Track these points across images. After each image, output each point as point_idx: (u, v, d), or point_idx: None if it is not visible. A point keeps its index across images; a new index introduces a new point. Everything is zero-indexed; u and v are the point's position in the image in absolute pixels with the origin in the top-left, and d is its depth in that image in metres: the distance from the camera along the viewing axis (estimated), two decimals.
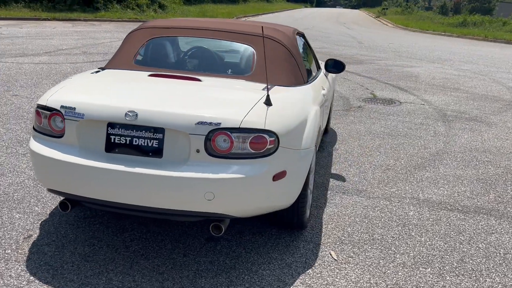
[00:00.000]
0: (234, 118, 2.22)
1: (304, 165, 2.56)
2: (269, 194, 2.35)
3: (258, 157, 2.26)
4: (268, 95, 2.41)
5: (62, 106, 2.34)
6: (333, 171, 4.07)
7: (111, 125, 2.26)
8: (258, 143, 2.25)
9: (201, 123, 2.20)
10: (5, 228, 2.75)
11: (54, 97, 2.41)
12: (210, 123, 2.20)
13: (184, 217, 2.36)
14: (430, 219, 3.25)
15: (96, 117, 2.27)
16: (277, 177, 2.35)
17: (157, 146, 2.24)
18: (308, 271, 2.52)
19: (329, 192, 3.61)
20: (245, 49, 3.07)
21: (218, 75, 2.84)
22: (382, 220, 3.20)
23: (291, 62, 3.05)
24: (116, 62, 3.01)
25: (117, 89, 2.64)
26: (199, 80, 2.70)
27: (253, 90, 2.61)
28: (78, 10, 20.40)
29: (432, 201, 3.57)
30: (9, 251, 2.52)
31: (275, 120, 2.33)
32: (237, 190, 2.21)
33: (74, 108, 2.31)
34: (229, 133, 2.20)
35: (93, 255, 2.54)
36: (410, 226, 3.13)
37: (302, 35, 3.80)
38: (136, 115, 2.21)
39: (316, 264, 2.60)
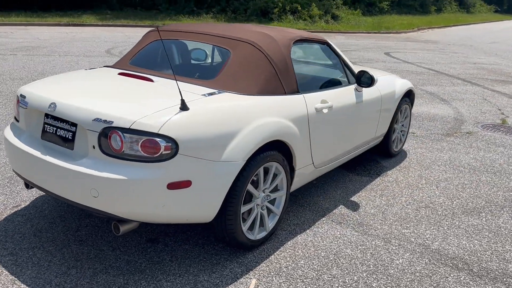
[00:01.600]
0: (126, 118, 2.21)
1: (222, 179, 2.36)
2: (165, 202, 2.25)
3: (150, 161, 2.20)
4: (182, 100, 2.31)
5: (20, 94, 2.68)
6: (354, 198, 3.58)
7: (46, 114, 2.50)
8: (151, 147, 2.19)
9: (96, 119, 2.25)
10: None
11: (23, 86, 2.77)
12: (104, 121, 2.23)
13: (88, 210, 2.42)
14: (418, 273, 2.61)
15: (35, 106, 2.53)
16: (175, 186, 2.24)
17: (70, 138, 2.38)
18: None
19: (322, 218, 3.21)
20: (223, 53, 2.98)
21: (183, 78, 2.82)
22: (352, 261, 2.70)
23: (265, 70, 2.83)
24: (119, 61, 3.25)
25: (70, 84, 2.83)
26: (151, 80, 2.74)
27: (188, 94, 2.52)
28: (254, 20, 22.10)
29: (444, 253, 2.84)
30: None
31: (178, 126, 2.22)
32: (120, 192, 2.19)
33: (25, 97, 2.62)
34: (120, 132, 2.20)
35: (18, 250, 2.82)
36: (380, 276, 2.57)
37: (303, 41, 3.32)
38: (55, 107, 2.40)
39: None
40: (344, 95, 3.42)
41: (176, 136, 2.20)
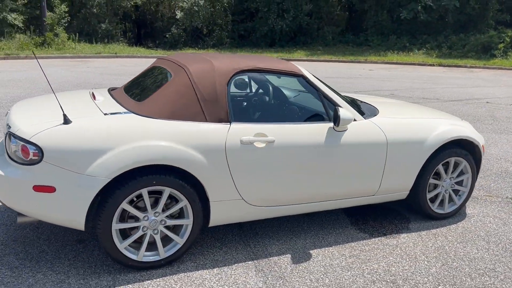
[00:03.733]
0: (17, 126, 2.63)
1: (85, 191, 2.52)
2: (32, 202, 2.55)
3: (24, 164, 2.56)
4: (64, 115, 2.60)
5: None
6: (315, 251, 3.09)
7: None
8: (25, 151, 2.55)
9: (7, 125, 2.75)
10: None
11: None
12: (8, 126, 2.71)
13: None
14: None
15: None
16: (40, 189, 2.53)
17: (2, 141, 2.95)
18: None
19: (248, 261, 2.91)
20: (168, 78, 3.08)
21: (126, 98, 3.08)
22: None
23: (187, 96, 2.84)
24: (122, 86, 3.69)
25: (45, 100, 3.31)
26: (95, 98, 3.10)
27: (96, 112, 2.77)
28: (473, 57, 19.86)
29: None
30: None
31: (48, 137, 2.52)
32: (2, 186, 2.60)
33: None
34: (12, 137, 2.63)
35: None
36: None
37: (256, 71, 3.12)
38: (7, 115, 3.01)
39: None
40: (304, 131, 3.04)
41: (42, 145, 2.50)
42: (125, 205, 2.63)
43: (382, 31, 24.06)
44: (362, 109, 3.58)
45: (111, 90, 3.52)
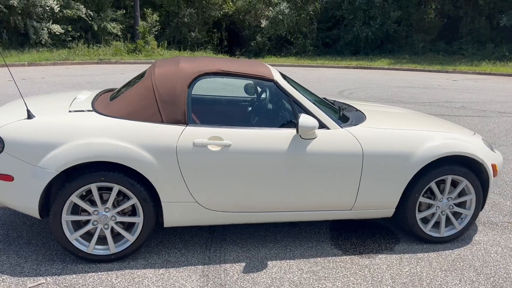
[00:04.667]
0: None
1: (37, 182, 2.70)
2: None
3: None
4: (27, 110, 2.82)
5: None
6: (272, 266, 2.97)
7: None
8: None
9: None
10: None
11: None
12: None
13: None
14: None
15: None
16: (1, 178, 2.77)
17: None
18: None
19: (189, 267, 2.89)
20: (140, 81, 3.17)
21: (106, 100, 3.24)
22: None
23: (146, 98, 2.91)
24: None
25: (40, 97, 3.59)
26: (77, 98, 3.31)
27: (62, 109, 2.97)
28: None
29: None
30: None
31: (10, 130, 2.75)
32: None
33: None
34: None
35: None
36: None
37: (222, 74, 3.07)
38: None
39: None
40: (267, 137, 2.93)
41: (4, 137, 2.74)
42: (74, 198, 2.76)
43: (479, 38, 22.22)
44: (349, 117, 3.37)
45: (105, 92, 3.72)
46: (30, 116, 2.82)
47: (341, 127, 3.11)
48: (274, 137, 2.96)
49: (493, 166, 3.36)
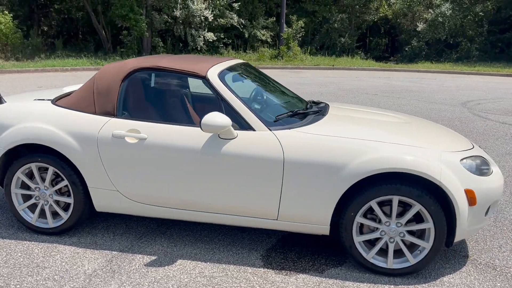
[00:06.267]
0: None
1: None
2: None
3: None
4: (0, 97, 3.36)
5: None
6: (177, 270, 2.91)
7: None
8: None
9: None
10: None
11: None
12: None
13: None
14: None
15: None
16: None
17: None
18: None
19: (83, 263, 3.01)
20: None
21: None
22: None
23: (86, 91, 3.17)
24: None
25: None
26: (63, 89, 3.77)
27: (34, 99, 3.44)
28: None
29: None
30: None
31: None
32: None
33: None
34: None
35: None
36: None
37: (157, 70, 3.12)
38: None
39: None
40: (184, 134, 2.89)
41: None
42: (19, 174, 3.18)
43: None
44: (300, 118, 3.09)
45: None
46: (1, 101, 3.35)
47: (270, 129, 2.87)
48: (190, 134, 2.91)
49: (467, 192, 2.66)
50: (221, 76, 3.07)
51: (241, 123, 2.90)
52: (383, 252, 2.85)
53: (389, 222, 2.76)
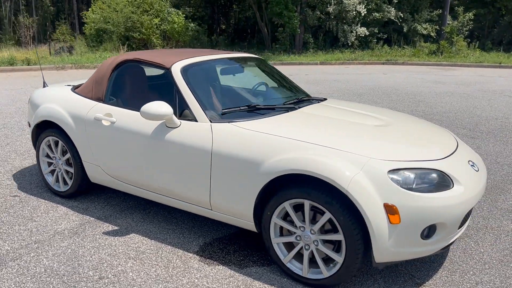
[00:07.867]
0: None
1: (31, 129, 3.99)
2: None
3: None
4: (44, 82, 4.14)
5: None
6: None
7: None
8: None
9: None
10: None
11: None
12: None
13: None
14: None
15: None
16: None
17: None
18: None
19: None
20: None
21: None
22: None
23: (92, 80, 3.69)
24: None
25: None
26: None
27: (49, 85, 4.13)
28: None
29: None
30: None
31: (33, 93, 4.15)
32: None
33: None
34: None
35: None
36: None
37: (137, 62, 3.42)
38: None
39: None
40: (141, 120, 3.16)
41: (30, 97, 4.14)
42: (43, 145, 3.89)
43: None
44: (260, 113, 3.06)
45: None
46: (44, 85, 4.13)
47: (210, 122, 2.93)
48: (145, 121, 3.15)
49: (387, 207, 2.29)
50: (184, 69, 3.21)
51: (191, 114, 3.02)
52: (301, 259, 2.65)
53: (304, 227, 2.55)
